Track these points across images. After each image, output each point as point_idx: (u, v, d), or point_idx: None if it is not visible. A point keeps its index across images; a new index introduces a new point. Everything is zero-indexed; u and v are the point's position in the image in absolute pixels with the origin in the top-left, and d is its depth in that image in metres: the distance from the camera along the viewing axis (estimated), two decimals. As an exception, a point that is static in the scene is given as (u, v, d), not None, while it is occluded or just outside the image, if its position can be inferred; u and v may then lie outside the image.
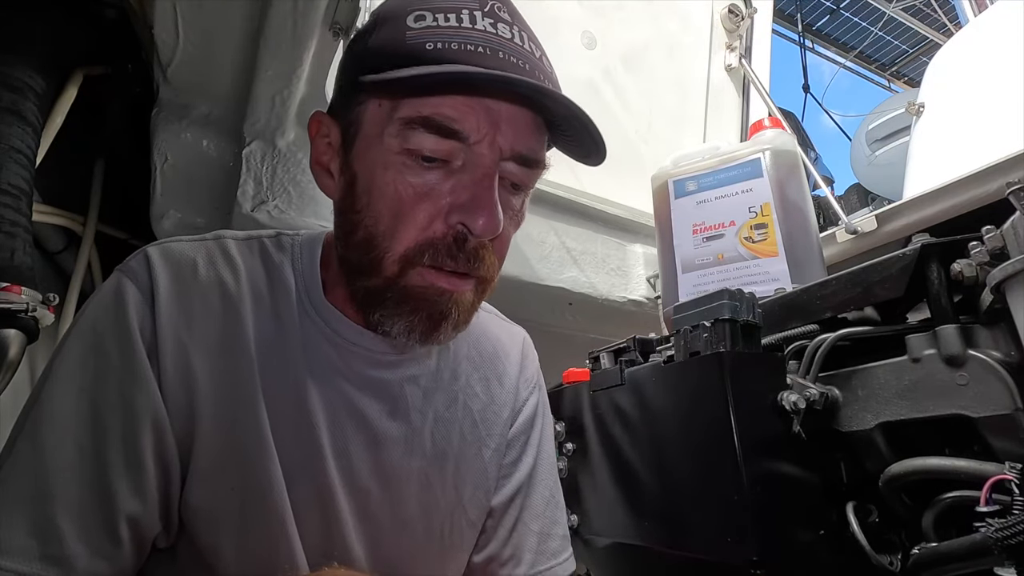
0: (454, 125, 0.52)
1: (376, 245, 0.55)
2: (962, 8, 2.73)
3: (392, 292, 0.55)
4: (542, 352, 0.79)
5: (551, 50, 0.64)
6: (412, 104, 0.53)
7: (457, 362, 0.70)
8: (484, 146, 0.53)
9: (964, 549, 0.43)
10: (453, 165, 0.54)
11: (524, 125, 0.56)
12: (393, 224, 0.54)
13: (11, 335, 0.92)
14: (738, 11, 1.80)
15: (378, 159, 0.55)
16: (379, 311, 0.57)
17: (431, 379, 0.67)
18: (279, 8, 0.94)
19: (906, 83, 6.26)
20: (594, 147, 0.60)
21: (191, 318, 0.56)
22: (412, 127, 0.52)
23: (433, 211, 0.54)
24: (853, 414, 0.53)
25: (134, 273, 0.56)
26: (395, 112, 0.53)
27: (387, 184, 0.54)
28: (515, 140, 0.55)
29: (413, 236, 0.54)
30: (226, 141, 1.10)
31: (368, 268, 0.56)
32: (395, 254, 0.54)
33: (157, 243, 0.59)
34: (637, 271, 1.51)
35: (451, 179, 0.54)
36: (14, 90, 0.99)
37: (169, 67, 1.02)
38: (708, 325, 0.54)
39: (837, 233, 1.26)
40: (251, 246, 0.63)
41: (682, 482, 0.55)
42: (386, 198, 0.54)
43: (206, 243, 0.61)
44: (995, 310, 0.45)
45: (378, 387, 0.63)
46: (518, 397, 0.75)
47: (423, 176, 0.54)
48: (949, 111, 1.69)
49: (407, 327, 0.56)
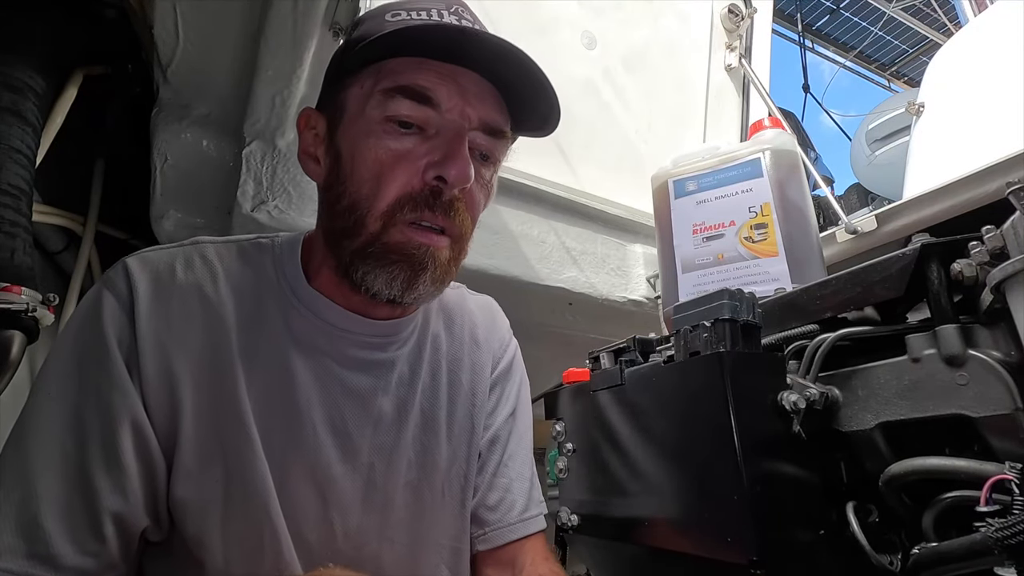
0: (428, 93, 0.59)
1: (359, 206, 0.60)
2: (962, 8, 2.74)
3: (374, 248, 0.60)
4: (542, 352, 0.80)
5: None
6: (391, 76, 0.60)
7: (437, 336, 0.77)
8: (455, 114, 0.61)
9: (964, 549, 0.43)
10: (428, 132, 0.61)
11: (489, 97, 0.63)
12: (375, 185, 0.60)
13: (11, 335, 0.92)
14: (738, 11, 1.79)
15: (360, 129, 0.61)
16: (362, 268, 0.61)
17: (416, 354, 0.73)
18: (279, 8, 0.94)
19: (906, 83, 6.26)
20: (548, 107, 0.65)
21: (171, 321, 0.59)
22: (391, 95, 0.60)
23: (411, 170, 0.60)
24: (853, 414, 0.53)
25: (112, 283, 0.59)
26: (376, 86, 0.60)
27: (369, 149, 0.60)
28: (482, 111, 0.62)
29: (393, 192, 0.60)
30: (226, 141, 1.11)
31: (352, 229, 0.61)
32: (377, 211, 0.60)
33: (135, 253, 0.62)
34: (637, 271, 1.51)
35: (426, 143, 0.60)
36: (14, 90, 0.99)
37: (169, 67, 1.02)
38: (708, 325, 0.54)
39: (837, 233, 1.26)
40: (229, 248, 0.66)
41: (682, 482, 0.55)
42: (368, 162, 0.60)
43: (183, 248, 0.64)
44: (995, 310, 0.45)
45: (370, 367, 0.68)
46: (493, 354, 0.82)
47: (401, 141, 0.60)
48: (949, 111, 1.69)
49: (388, 280, 0.60)
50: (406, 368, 0.71)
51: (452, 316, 0.80)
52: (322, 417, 0.63)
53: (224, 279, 0.63)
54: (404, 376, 0.71)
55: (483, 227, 1.32)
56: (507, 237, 1.32)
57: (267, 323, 0.63)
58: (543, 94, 0.63)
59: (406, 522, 0.68)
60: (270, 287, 0.65)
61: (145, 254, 0.62)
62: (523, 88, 0.63)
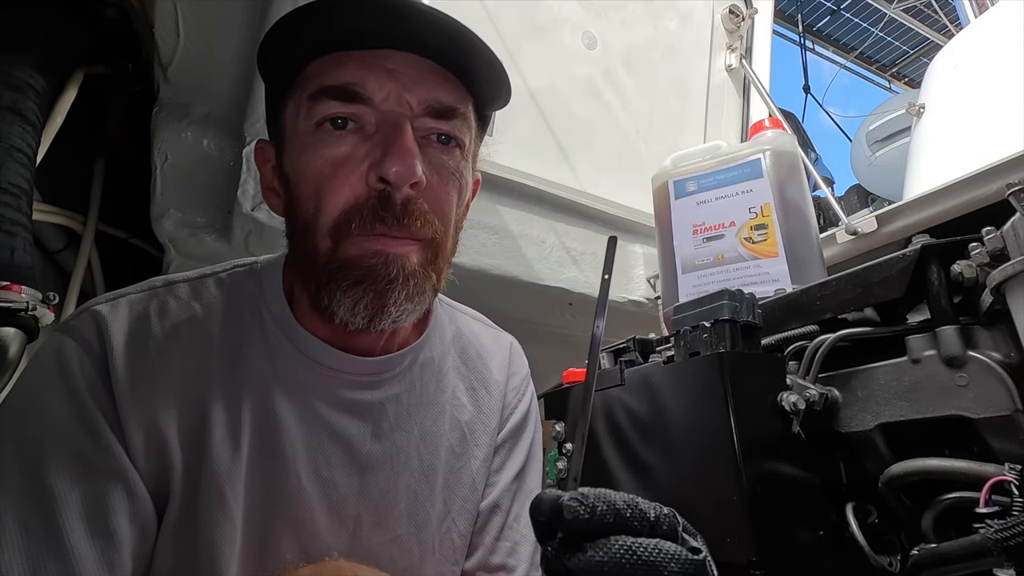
0: (355, 88, 0.53)
1: (308, 226, 0.54)
2: (962, 9, 2.74)
3: (330, 268, 0.53)
4: (542, 352, 0.79)
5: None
6: (315, 80, 0.54)
7: (443, 373, 0.69)
8: (391, 103, 0.54)
9: (963, 550, 0.43)
10: (366, 131, 0.54)
11: (428, 76, 0.55)
12: (317, 201, 0.54)
13: (11, 334, 0.92)
14: (739, 11, 1.80)
15: (297, 146, 0.55)
16: (326, 295, 0.54)
17: (415, 395, 0.65)
18: (279, 8, 0.95)
19: (906, 84, 6.26)
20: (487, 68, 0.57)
21: (151, 373, 0.53)
22: (317, 99, 0.53)
23: (352, 176, 0.53)
24: (853, 415, 0.53)
25: (78, 333, 0.52)
26: (303, 95, 0.54)
27: (307, 164, 0.54)
28: (422, 93, 0.55)
29: (338, 205, 0.53)
30: (226, 141, 1.10)
31: (309, 254, 0.55)
32: (324, 227, 0.53)
33: (102, 299, 0.56)
34: (637, 271, 1.51)
35: (366, 144, 0.54)
36: (15, 89, 0.99)
37: (169, 67, 1.02)
38: (708, 326, 0.54)
39: (837, 234, 1.26)
40: (205, 284, 0.60)
41: (682, 482, 0.55)
42: (307, 178, 0.54)
43: (155, 291, 0.58)
44: (995, 311, 0.45)
45: (360, 409, 0.61)
46: (506, 404, 0.74)
47: (338, 145, 0.53)
48: (949, 112, 1.69)
49: (352, 303, 0.53)
50: (403, 408, 0.64)
51: (465, 354, 0.72)
52: (306, 465, 0.57)
53: (203, 319, 0.57)
54: (400, 417, 0.64)
55: (483, 227, 1.33)
56: (507, 237, 1.32)
57: (252, 365, 0.57)
58: (478, 56, 0.55)
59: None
60: (252, 323, 0.59)
61: (116, 302, 0.55)
62: (458, 55, 0.55)
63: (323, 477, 0.58)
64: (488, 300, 0.92)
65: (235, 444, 0.54)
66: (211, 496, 0.52)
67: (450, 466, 0.67)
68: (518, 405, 0.75)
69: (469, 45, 0.55)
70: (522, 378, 0.78)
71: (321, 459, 0.58)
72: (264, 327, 0.59)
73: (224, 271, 0.62)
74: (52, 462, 0.48)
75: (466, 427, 0.69)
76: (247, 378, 0.56)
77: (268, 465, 0.56)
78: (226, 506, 0.53)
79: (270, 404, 0.56)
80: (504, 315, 0.91)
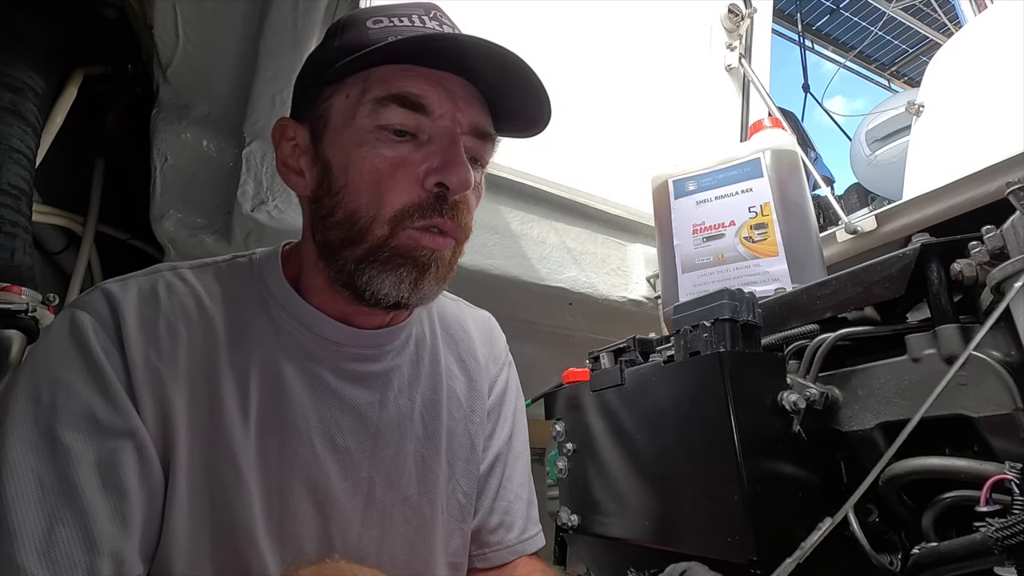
0: (420, 100, 0.59)
1: (361, 216, 0.59)
2: (962, 8, 2.74)
3: (382, 253, 0.59)
4: (542, 352, 0.80)
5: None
6: (382, 85, 0.59)
7: (435, 348, 0.76)
8: (447, 119, 0.60)
9: (964, 549, 0.43)
10: (420, 139, 0.60)
11: (476, 102, 0.63)
12: (375, 194, 0.59)
13: (11, 335, 0.92)
14: (738, 11, 1.80)
15: (352, 140, 0.60)
16: (368, 273, 0.60)
17: (413, 367, 0.72)
18: (279, 8, 0.94)
19: (906, 83, 6.25)
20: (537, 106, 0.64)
21: (160, 346, 0.56)
22: (383, 104, 0.59)
23: (411, 178, 0.59)
24: (853, 414, 0.53)
25: (92, 308, 0.56)
26: (365, 95, 0.59)
27: (363, 159, 0.59)
28: (471, 115, 0.62)
29: (400, 200, 0.59)
30: (226, 141, 1.10)
31: (354, 239, 0.60)
32: (383, 217, 0.59)
33: (111, 281, 0.59)
34: (637, 271, 1.51)
35: (421, 150, 0.60)
36: (14, 90, 0.99)
37: (169, 67, 1.02)
38: (708, 325, 0.54)
39: (837, 233, 1.26)
40: (205, 271, 0.64)
41: (682, 481, 0.55)
42: (364, 172, 0.59)
43: (161, 273, 0.62)
44: (995, 310, 0.45)
45: (367, 380, 0.67)
46: (490, 372, 0.82)
47: (396, 149, 0.59)
48: (949, 111, 1.69)
49: (396, 281, 0.60)
50: (405, 379, 0.71)
51: (450, 330, 0.80)
52: (320, 433, 0.62)
53: (208, 299, 0.61)
54: (403, 387, 0.70)
55: (483, 227, 1.33)
56: (507, 237, 1.32)
57: (258, 340, 0.61)
58: (533, 94, 0.62)
59: (405, 537, 0.68)
60: (256, 304, 0.63)
61: (124, 280, 0.59)
62: (511, 90, 0.62)
63: (337, 444, 0.64)
64: (488, 300, 0.92)
65: (244, 413, 0.58)
66: (223, 463, 0.56)
67: (451, 430, 0.74)
68: (500, 374, 0.83)
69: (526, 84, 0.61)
70: (501, 349, 0.86)
71: (335, 427, 0.64)
72: (268, 306, 0.64)
73: (223, 260, 0.67)
74: (67, 420, 0.50)
75: (462, 395, 0.76)
76: (253, 351, 0.61)
77: (280, 433, 0.60)
78: (240, 473, 0.57)
79: (278, 375, 0.61)
80: (504, 315, 0.91)
